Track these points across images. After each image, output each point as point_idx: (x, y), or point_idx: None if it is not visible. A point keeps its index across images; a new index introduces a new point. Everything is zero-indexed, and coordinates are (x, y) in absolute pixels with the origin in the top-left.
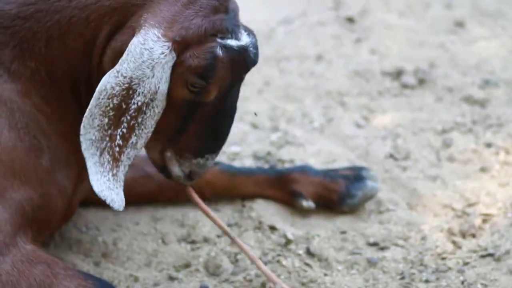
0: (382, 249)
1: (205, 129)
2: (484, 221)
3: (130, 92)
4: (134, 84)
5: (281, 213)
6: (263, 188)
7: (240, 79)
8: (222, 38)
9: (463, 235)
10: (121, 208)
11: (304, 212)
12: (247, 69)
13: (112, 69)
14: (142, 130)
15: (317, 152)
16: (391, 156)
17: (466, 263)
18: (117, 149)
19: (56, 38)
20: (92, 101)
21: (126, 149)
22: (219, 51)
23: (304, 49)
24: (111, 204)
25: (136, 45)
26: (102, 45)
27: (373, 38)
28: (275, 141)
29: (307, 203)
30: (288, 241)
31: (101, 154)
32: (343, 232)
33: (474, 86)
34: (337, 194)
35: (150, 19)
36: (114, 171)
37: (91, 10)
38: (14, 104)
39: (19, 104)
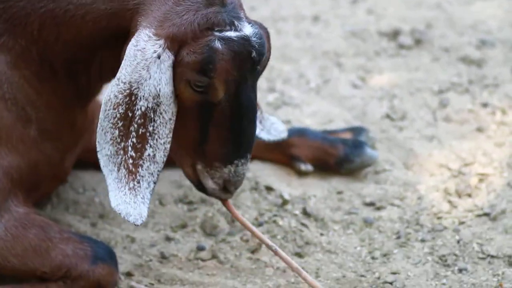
0: (378, 209)
1: (225, 133)
2: (480, 180)
3: (132, 98)
4: (134, 89)
5: (278, 173)
6: (262, 151)
7: (252, 74)
8: (219, 31)
9: (459, 194)
10: (138, 223)
11: (300, 173)
12: (253, 61)
13: (114, 79)
14: (157, 140)
15: (313, 112)
16: (388, 116)
17: (462, 223)
18: (131, 161)
19: (49, 25)
20: (101, 115)
21: (143, 162)
22: (217, 44)
23: (300, 9)
24: (126, 218)
25: (130, 48)
26: (107, 47)
27: None
28: (272, 102)
29: (305, 167)
30: (285, 202)
31: (118, 170)
32: (340, 192)
33: (471, 46)
34: (335, 158)
35: (142, 22)
36: (131, 185)
37: (87, 10)
38: (3, 75)
39: (7, 76)
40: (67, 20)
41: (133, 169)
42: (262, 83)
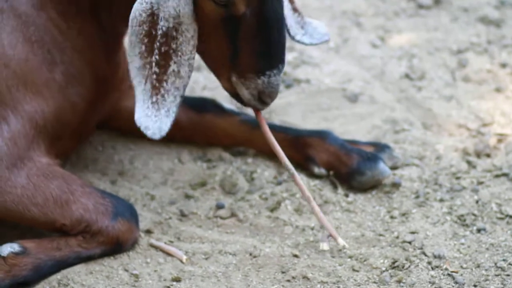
0: (397, 168)
1: (253, 45)
2: (499, 141)
3: (154, 17)
4: (156, 9)
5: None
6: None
7: None
8: None
9: (478, 154)
10: (156, 137)
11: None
12: None
13: None
14: (180, 56)
15: (332, 71)
16: (407, 76)
17: (480, 183)
18: (155, 76)
19: None
20: (129, 30)
21: (167, 77)
22: None
23: None
24: (144, 131)
25: None
26: None
27: None
28: (291, 61)
29: (319, 170)
30: None
31: (145, 82)
32: None
33: (490, 6)
34: (347, 168)
35: None
36: (154, 99)
37: None
38: (29, 17)
39: (34, 18)
40: None
41: (157, 84)
42: None
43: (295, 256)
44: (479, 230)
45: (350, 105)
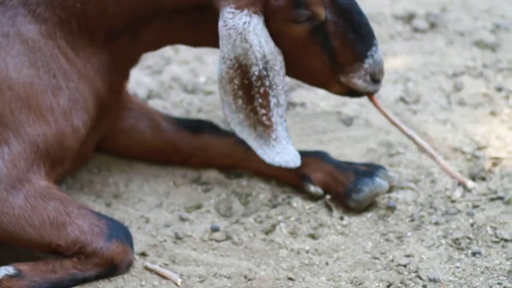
0: (392, 191)
1: (346, 38)
2: (494, 164)
3: (243, 68)
4: (242, 61)
5: None
6: (275, 167)
7: None
8: None
9: (473, 178)
10: (298, 164)
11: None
12: None
13: (219, 57)
14: (275, 89)
15: (327, 95)
16: (402, 99)
17: (475, 206)
18: (264, 118)
19: (95, 0)
20: (219, 91)
21: (272, 112)
22: None
23: None
24: (286, 166)
25: (221, 29)
26: (160, 19)
27: None
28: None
29: (315, 189)
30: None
31: (255, 129)
32: None
33: (485, 31)
34: (343, 187)
35: (219, 1)
36: (273, 136)
37: None
38: (36, 43)
39: (41, 44)
40: None
41: (269, 123)
42: None
43: (290, 279)
44: (474, 254)
45: (345, 128)
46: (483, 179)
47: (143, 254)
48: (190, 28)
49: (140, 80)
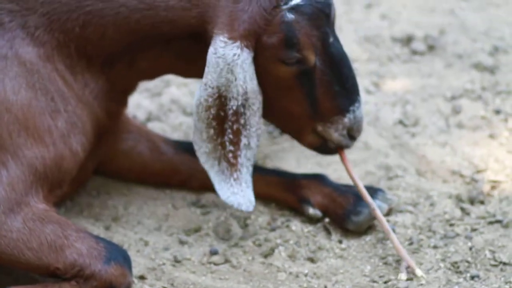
0: (391, 215)
1: (331, 88)
2: (493, 187)
3: (222, 99)
4: (223, 92)
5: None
6: (274, 190)
7: (329, 26)
8: (285, 3)
9: (472, 201)
10: (250, 209)
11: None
12: (326, 15)
13: (201, 83)
14: (249, 130)
15: None
16: (401, 122)
17: (474, 230)
18: (231, 154)
19: (95, 24)
20: (194, 116)
21: (240, 152)
22: (290, 15)
23: None
24: (239, 208)
25: (210, 56)
26: (156, 47)
27: (384, 4)
28: None
29: (314, 211)
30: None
31: (219, 163)
32: None
33: (484, 53)
34: (343, 210)
35: (213, 29)
36: (235, 176)
37: (144, 15)
38: (34, 66)
39: (39, 67)
40: (118, 22)
41: (234, 161)
42: None
43: None
44: (472, 277)
45: (344, 151)
46: (482, 202)
47: (141, 277)
48: (182, 58)
49: (139, 103)
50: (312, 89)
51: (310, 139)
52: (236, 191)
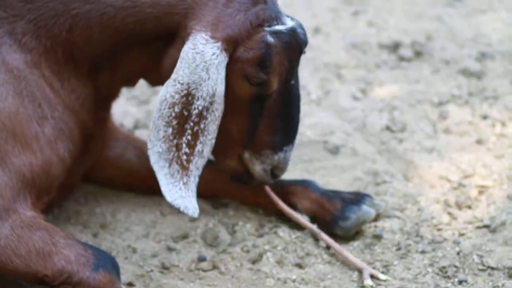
0: (379, 220)
1: (277, 122)
2: (480, 192)
3: (190, 98)
4: (192, 90)
5: None
6: (261, 196)
7: (297, 63)
8: (269, 26)
9: (459, 206)
10: (196, 215)
11: None
12: (300, 51)
13: (169, 79)
14: (206, 136)
15: (314, 124)
16: (388, 128)
17: (462, 234)
18: (185, 157)
19: (82, 27)
20: (155, 114)
21: (193, 158)
22: (270, 38)
23: (301, 21)
24: (185, 211)
25: (187, 51)
26: (140, 46)
27: (371, 11)
28: None
29: (301, 217)
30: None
31: (170, 165)
32: None
33: (471, 59)
34: (330, 215)
35: (195, 25)
36: (185, 180)
37: (129, 13)
38: (21, 73)
39: (26, 74)
40: (104, 22)
41: (186, 165)
42: None
43: None
44: (460, 282)
45: (332, 157)
46: (469, 207)
47: (130, 284)
48: (156, 61)
49: (127, 110)
50: (258, 116)
51: (232, 164)
52: (184, 195)
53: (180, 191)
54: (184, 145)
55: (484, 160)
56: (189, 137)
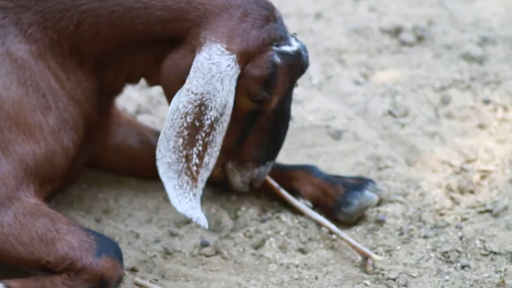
0: (381, 205)
1: (266, 137)
2: (482, 177)
3: (203, 108)
4: (206, 100)
5: None
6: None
7: (294, 84)
8: (277, 45)
9: (461, 191)
10: (207, 226)
11: None
12: (302, 73)
13: (181, 89)
14: (213, 148)
15: (316, 109)
16: (390, 113)
17: (464, 219)
18: (195, 168)
19: (90, 23)
20: (166, 124)
21: (201, 169)
22: (278, 59)
23: (303, 7)
24: (197, 222)
25: (202, 61)
26: (145, 48)
27: None
28: None
29: (304, 202)
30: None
31: (179, 176)
32: None
33: (472, 43)
34: (333, 201)
35: (210, 36)
36: (194, 191)
37: (138, 13)
38: (26, 63)
39: (31, 64)
40: (112, 20)
41: (196, 176)
42: None
43: None
44: (463, 267)
45: (334, 142)
46: (472, 192)
47: (133, 270)
48: (158, 63)
49: (129, 95)
50: (249, 129)
51: (215, 172)
52: (195, 206)
53: (190, 202)
54: (195, 156)
55: (486, 144)
56: (200, 148)
